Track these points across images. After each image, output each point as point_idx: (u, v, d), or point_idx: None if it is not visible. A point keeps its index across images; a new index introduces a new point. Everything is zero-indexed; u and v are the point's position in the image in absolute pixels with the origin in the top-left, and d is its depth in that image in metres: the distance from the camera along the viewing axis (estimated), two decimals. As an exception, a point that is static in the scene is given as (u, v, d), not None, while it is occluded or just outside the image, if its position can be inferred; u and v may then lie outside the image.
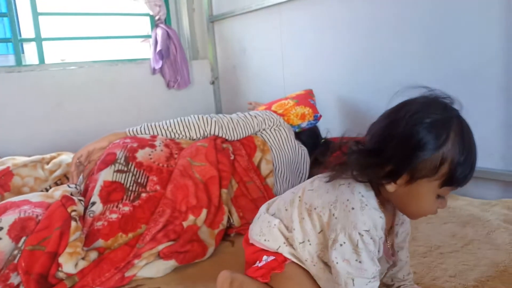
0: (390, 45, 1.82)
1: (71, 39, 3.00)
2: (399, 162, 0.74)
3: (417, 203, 0.77)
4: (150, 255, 1.18)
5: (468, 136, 0.77)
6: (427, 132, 0.72)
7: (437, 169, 0.73)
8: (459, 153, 0.73)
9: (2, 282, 1.06)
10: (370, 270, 0.74)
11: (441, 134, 0.73)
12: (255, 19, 2.56)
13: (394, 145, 0.75)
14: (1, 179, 1.57)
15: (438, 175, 0.73)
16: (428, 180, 0.74)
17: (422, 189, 0.75)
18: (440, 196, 0.76)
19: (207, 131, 1.58)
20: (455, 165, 0.73)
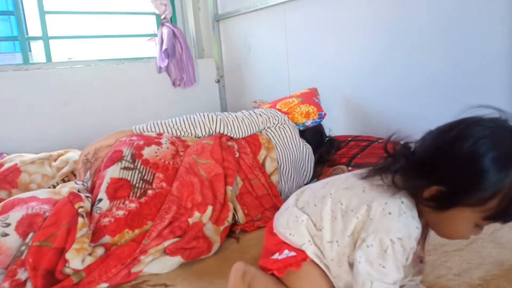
0: (395, 44, 1.82)
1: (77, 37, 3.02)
2: (453, 188, 0.70)
3: (453, 227, 0.74)
4: (156, 251, 1.19)
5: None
6: (491, 164, 0.67)
7: (486, 202, 0.68)
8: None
9: (10, 277, 1.07)
10: (391, 277, 0.72)
11: (504, 169, 0.67)
12: (260, 18, 2.56)
13: (451, 167, 0.70)
14: (9, 176, 1.59)
15: (485, 207, 0.69)
16: (472, 210, 0.70)
17: (463, 216, 0.71)
18: (479, 225, 0.73)
19: (213, 129, 1.59)
20: (508, 202, 0.67)
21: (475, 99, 1.58)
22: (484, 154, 0.67)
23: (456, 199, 0.70)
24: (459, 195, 0.69)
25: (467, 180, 0.68)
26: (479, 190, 0.67)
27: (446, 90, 1.67)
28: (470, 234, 0.74)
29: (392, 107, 1.88)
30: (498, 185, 0.67)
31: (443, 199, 0.71)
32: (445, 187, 0.70)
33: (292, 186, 1.67)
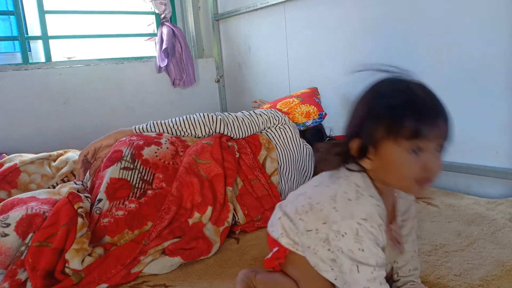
0: (395, 43, 1.82)
1: (77, 37, 3.02)
2: (358, 134, 0.77)
3: (396, 169, 0.75)
4: (156, 252, 1.19)
5: (404, 83, 0.77)
6: (375, 98, 0.77)
7: (389, 125, 0.73)
8: (398, 99, 0.74)
9: (10, 278, 1.07)
10: (373, 258, 0.74)
11: (385, 95, 0.76)
12: (260, 18, 2.56)
13: (352, 122, 0.80)
14: (9, 176, 1.58)
15: (393, 130, 0.73)
16: (390, 141, 0.73)
17: (391, 152, 0.74)
18: (417, 151, 0.73)
19: (213, 129, 1.58)
20: (397, 111, 0.73)
21: (475, 99, 1.59)
22: (370, 95, 0.79)
23: (372, 138, 0.75)
24: (371, 133, 0.75)
25: (362, 119, 0.77)
26: (379, 118, 0.74)
27: (446, 90, 1.66)
28: (416, 165, 0.73)
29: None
30: (383, 106, 0.74)
31: (365, 145, 0.77)
32: (360, 136, 0.77)
33: (292, 186, 1.67)
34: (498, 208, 1.40)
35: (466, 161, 1.64)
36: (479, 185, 1.62)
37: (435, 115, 0.74)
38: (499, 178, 1.55)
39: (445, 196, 1.57)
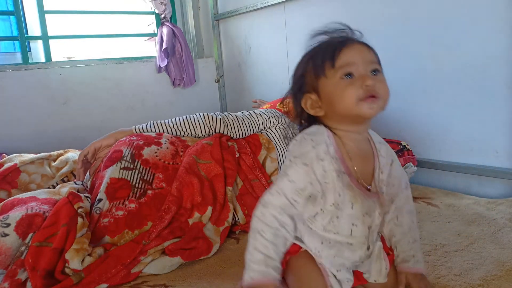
0: (394, 43, 1.82)
1: (77, 37, 3.02)
2: (301, 90, 0.85)
3: (337, 97, 0.79)
4: (156, 252, 1.19)
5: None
6: (303, 57, 0.87)
7: (315, 67, 0.82)
8: (316, 46, 0.85)
9: (10, 278, 1.07)
10: (281, 184, 0.80)
11: (309, 50, 0.87)
12: (260, 18, 2.56)
13: (293, 83, 0.88)
14: (8, 176, 1.58)
15: (319, 69, 0.81)
16: (323, 80, 0.80)
17: (328, 87, 0.80)
18: (349, 75, 0.78)
19: (213, 129, 1.58)
20: (316, 53, 0.83)
21: (475, 98, 1.59)
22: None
23: (310, 85, 0.83)
24: (307, 83, 0.84)
25: (301, 72, 0.86)
26: (306, 67, 0.85)
27: (446, 90, 1.66)
28: (351, 87, 0.77)
29: (392, 107, 1.87)
30: (312, 52, 0.85)
31: (310, 97, 0.84)
32: (303, 92, 0.85)
33: (292, 186, 1.67)
34: (498, 208, 1.40)
35: (466, 161, 1.64)
36: (479, 185, 1.62)
37: (347, 42, 0.79)
38: (499, 178, 1.55)
39: (445, 196, 1.57)
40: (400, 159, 1.63)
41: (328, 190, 0.81)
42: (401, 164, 1.60)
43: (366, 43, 0.81)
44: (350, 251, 0.83)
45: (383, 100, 0.79)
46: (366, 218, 0.83)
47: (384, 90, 0.78)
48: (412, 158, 1.68)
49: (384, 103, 0.79)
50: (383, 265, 0.87)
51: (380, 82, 0.78)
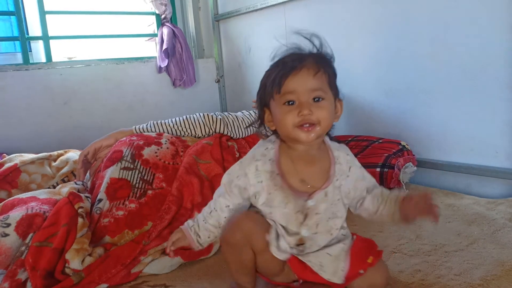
0: (394, 44, 1.82)
1: (78, 37, 3.02)
2: (262, 100, 0.91)
3: (279, 120, 0.86)
4: (156, 252, 1.19)
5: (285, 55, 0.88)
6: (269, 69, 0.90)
7: (265, 88, 0.88)
8: (269, 68, 0.89)
9: (10, 278, 1.07)
10: (228, 182, 0.93)
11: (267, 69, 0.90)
12: (260, 18, 2.56)
13: (257, 97, 0.94)
14: (9, 176, 1.59)
15: (268, 91, 0.87)
16: (272, 101, 0.87)
17: (274, 108, 0.87)
18: (290, 102, 0.83)
19: (213, 129, 1.59)
20: (268, 76, 0.88)
21: (475, 98, 1.59)
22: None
23: (264, 103, 0.90)
24: (262, 100, 0.91)
25: (259, 89, 0.93)
26: (261, 86, 0.91)
27: (446, 90, 1.66)
28: (290, 114, 0.83)
29: (392, 107, 1.88)
30: (266, 73, 0.89)
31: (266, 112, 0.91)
32: (261, 106, 0.92)
33: (292, 186, 1.67)
34: (498, 208, 1.41)
35: (466, 161, 1.64)
36: (479, 185, 1.62)
37: (293, 70, 0.83)
38: (499, 178, 1.55)
39: (445, 196, 1.57)
40: (400, 159, 1.63)
41: (262, 190, 0.89)
42: (401, 164, 1.60)
43: (318, 67, 0.84)
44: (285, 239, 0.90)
45: (322, 127, 0.83)
46: (299, 215, 0.89)
47: (323, 116, 0.83)
48: (412, 158, 1.68)
49: (323, 129, 0.84)
50: (340, 266, 0.90)
51: (321, 109, 0.83)
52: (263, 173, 0.89)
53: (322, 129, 0.84)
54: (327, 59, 0.89)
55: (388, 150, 1.69)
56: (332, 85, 0.87)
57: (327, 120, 0.84)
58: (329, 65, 0.88)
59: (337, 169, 0.91)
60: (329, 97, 0.85)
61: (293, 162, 0.89)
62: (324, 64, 0.86)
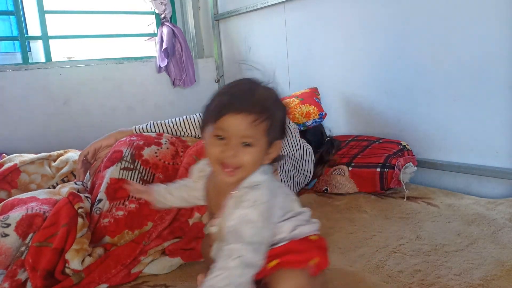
0: (394, 44, 1.82)
1: (77, 37, 3.02)
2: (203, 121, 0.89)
3: (206, 148, 0.85)
4: (156, 252, 1.19)
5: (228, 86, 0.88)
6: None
7: (205, 111, 0.87)
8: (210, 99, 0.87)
9: (10, 278, 1.07)
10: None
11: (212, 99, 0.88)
12: (260, 18, 2.56)
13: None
14: (9, 176, 1.58)
15: (204, 119, 0.86)
16: (205, 127, 0.85)
17: (206, 134, 0.85)
18: (220, 138, 0.82)
19: (213, 129, 1.58)
20: (215, 97, 0.86)
21: (475, 98, 1.59)
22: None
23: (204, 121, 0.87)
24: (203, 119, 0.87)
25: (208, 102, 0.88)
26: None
27: (446, 90, 1.66)
28: (215, 149, 0.82)
29: (392, 107, 1.88)
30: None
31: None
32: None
33: (292, 186, 1.67)
34: (498, 208, 1.41)
35: (466, 161, 1.64)
36: (479, 185, 1.62)
37: (230, 110, 0.81)
38: (499, 178, 1.55)
39: (445, 196, 1.57)
40: (400, 159, 1.63)
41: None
42: (401, 164, 1.60)
43: (259, 115, 0.80)
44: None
45: (245, 171, 0.82)
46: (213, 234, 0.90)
47: (247, 161, 0.81)
48: (412, 158, 1.68)
49: (246, 173, 0.83)
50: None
51: (247, 154, 0.81)
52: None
53: (245, 173, 0.82)
54: (275, 107, 0.86)
55: (388, 150, 1.69)
56: (270, 132, 0.83)
57: (251, 165, 0.82)
58: (274, 114, 0.84)
59: (229, 203, 0.84)
60: (260, 144, 0.82)
61: (210, 190, 0.93)
62: (268, 114, 0.82)
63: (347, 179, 1.69)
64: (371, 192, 1.65)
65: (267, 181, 0.85)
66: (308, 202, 1.63)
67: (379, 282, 1.03)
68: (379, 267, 1.10)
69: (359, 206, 1.55)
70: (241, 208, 0.80)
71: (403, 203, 1.53)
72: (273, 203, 0.83)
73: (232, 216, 0.81)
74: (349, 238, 1.29)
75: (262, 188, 0.83)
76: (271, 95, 0.88)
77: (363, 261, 1.14)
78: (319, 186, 1.75)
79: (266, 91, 0.88)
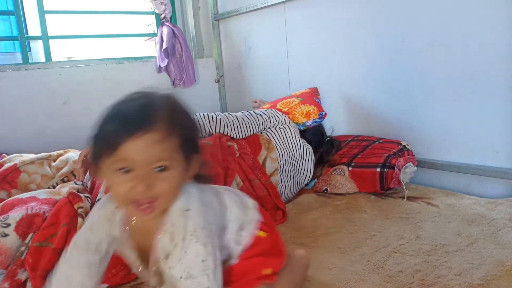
0: (395, 44, 1.82)
1: (77, 37, 3.02)
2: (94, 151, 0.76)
3: (111, 187, 0.71)
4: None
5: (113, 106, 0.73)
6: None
7: (97, 138, 0.73)
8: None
9: (10, 278, 1.07)
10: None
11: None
12: (260, 18, 2.56)
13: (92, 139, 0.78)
14: (9, 176, 1.58)
15: (100, 144, 0.71)
16: (100, 160, 0.70)
17: (105, 171, 0.70)
18: (126, 170, 0.68)
19: (213, 129, 1.58)
20: (103, 121, 0.72)
21: (475, 98, 1.59)
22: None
23: (94, 159, 0.72)
24: (93, 154, 0.73)
25: (96, 128, 0.74)
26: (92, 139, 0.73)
27: (446, 90, 1.66)
28: (122, 185, 0.68)
29: (392, 107, 1.88)
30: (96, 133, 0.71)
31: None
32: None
33: (292, 186, 1.67)
34: (498, 208, 1.40)
35: (466, 161, 1.64)
36: (479, 185, 1.62)
37: (132, 135, 0.66)
38: (499, 178, 1.55)
39: (445, 196, 1.57)
40: (400, 159, 1.63)
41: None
42: (401, 164, 1.60)
43: (167, 132, 0.69)
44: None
45: (163, 201, 0.70)
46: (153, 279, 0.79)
47: (165, 190, 0.69)
48: (412, 158, 1.68)
49: (166, 203, 0.71)
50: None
51: (163, 181, 0.69)
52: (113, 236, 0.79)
53: (164, 203, 0.71)
54: (181, 117, 0.73)
55: (389, 150, 1.69)
56: (184, 147, 0.71)
57: (171, 193, 0.71)
58: (182, 124, 0.72)
59: (162, 241, 0.73)
60: (177, 164, 0.70)
61: (133, 232, 0.77)
62: (175, 125, 0.70)
63: (347, 179, 1.69)
64: (371, 192, 1.65)
65: (196, 202, 0.74)
66: (308, 202, 1.63)
67: (379, 282, 1.03)
68: (379, 267, 1.10)
69: (359, 206, 1.55)
70: (183, 249, 0.70)
71: (403, 203, 1.53)
72: (211, 222, 0.74)
73: (177, 261, 0.70)
74: (349, 238, 1.29)
75: (194, 213, 0.73)
76: (171, 103, 0.74)
77: (363, 261, 1.14)
78: (319, 186, 1.75)
79: (164, 100, 0.73)
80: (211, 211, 0.76)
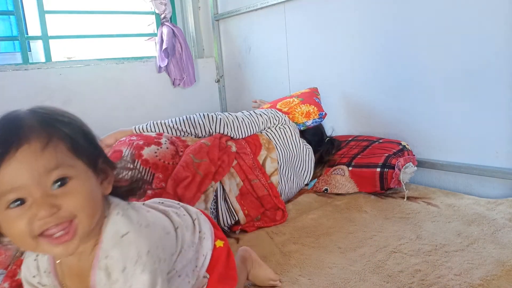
0: (395, 43, 1.82)
1: (77, 37, 3.02)
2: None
3: (6, 231, 0.58)
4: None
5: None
6: None
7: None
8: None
9: (10, 278, 1.07)
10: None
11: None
12: (260, 18, 2.56)
13: None
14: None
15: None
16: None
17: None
18: (18, 202, 0.55)
19: (213, 129, 1.58)
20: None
21: (475, 99, 1.59)
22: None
23: None
24: None
25: None
26: None
27: (446, 90, 1.66)
28: (21, 224, 0.54)
29: (392, 107, 1.88)
30: None
31: None
32: None
33: (292, 186, 1.67)
34: (498, 208, 1.40)
35: (466, 161, 1.64)
36: (479, 185, 1.62)
37: (5, 156, 0.54)
38: (499, 178, 1.55)
39: (445, 196, 1.57)
40: (400, 159, 1.63)
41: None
42: (401, 164, 1.60)
43: (45, 135, 0.58)
44: None
45: (85, 218, 0.57)
46: None
47: (78, 205, 0.56)
48: (413, 158, 1.68)
49: (87, 223, 0.57)
50: None
51: (70, 195, 0.56)
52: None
53: (86, 222, 0.57)
54: (58, 119, 0.63)
55: (389, 150, 1.69)
56: (79, 150, 0.59)
57: (87, 207, 0.57)
58: (63, 126, 0.62)
59: (98, 280, 0.61)
60: (78, 171, 0.58)
61: (65, 276, 0.66)
62: (55, 128, 0.60)
63: (347, 179, 1.69)
64: (371, 192, 1.65)
65: (135, 222, 0.62)
66: (308, 202, 1.63)
67: (379, 282, 1.03)
68: (379, 267, 1.10)
69: (359, 206, 1.55)
70: (126, 283, 0.58)
71: (403, 203, 1.53)
72: (158, 246, 0.63)
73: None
74: (349, 238, 1.29)
75: (134, 236, 0.61)
76: (37, 110, 0.65)
77: (363, 261, 1.14)
78: (319, 186, 1.75)
79: (28, 110, 0.64)
80: (155, 232, 0.65)
